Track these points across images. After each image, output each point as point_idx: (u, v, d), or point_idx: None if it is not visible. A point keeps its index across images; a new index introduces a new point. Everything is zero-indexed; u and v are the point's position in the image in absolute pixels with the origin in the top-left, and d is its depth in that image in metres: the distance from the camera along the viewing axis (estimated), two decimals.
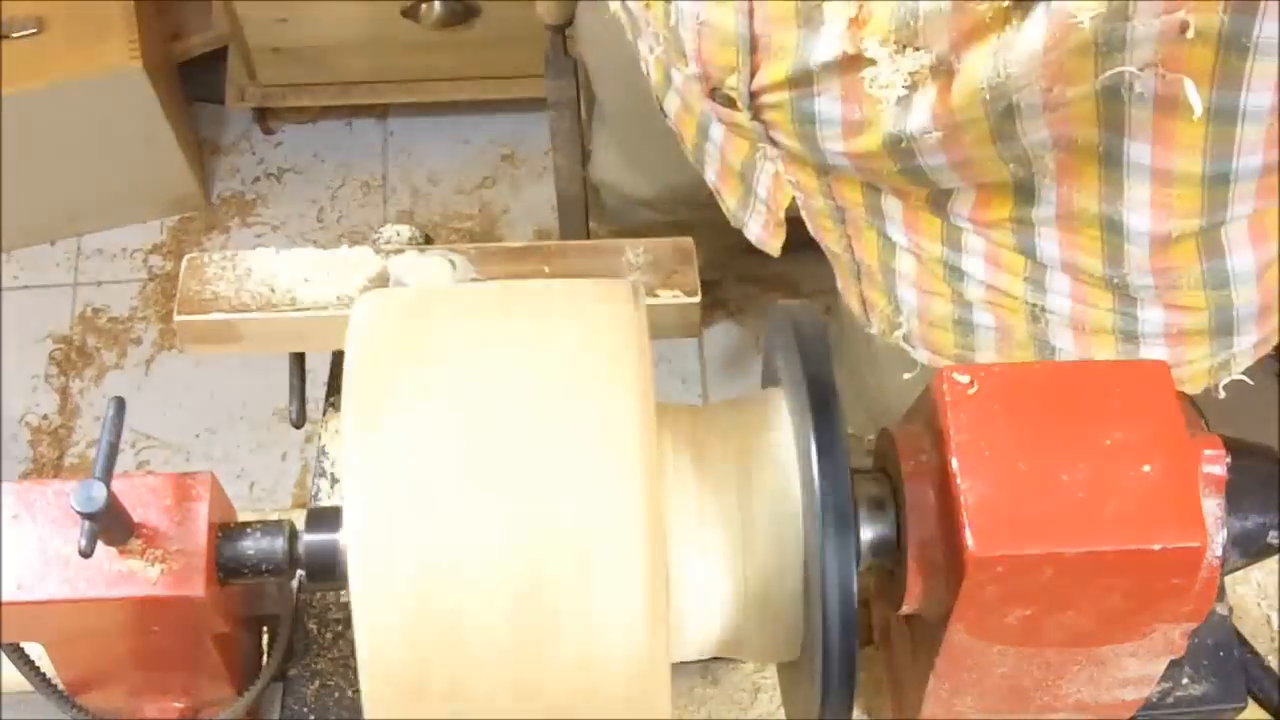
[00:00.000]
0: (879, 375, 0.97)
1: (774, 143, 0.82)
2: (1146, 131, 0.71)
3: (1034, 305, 0.85)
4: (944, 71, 0.71)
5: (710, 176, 0.98)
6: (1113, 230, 0.77)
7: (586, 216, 1.33)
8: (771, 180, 0.91)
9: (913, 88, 0.71)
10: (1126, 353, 0.84)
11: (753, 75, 0.77)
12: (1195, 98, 0.67)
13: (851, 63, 0.73)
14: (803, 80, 0.75)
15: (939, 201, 0.83)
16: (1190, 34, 0.65)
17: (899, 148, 0.76)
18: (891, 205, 0.85)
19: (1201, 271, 0.80)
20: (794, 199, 0.90)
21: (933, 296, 0.89)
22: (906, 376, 0.92)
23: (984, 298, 0.87)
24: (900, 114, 0.74)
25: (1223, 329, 0.83)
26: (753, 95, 0.78)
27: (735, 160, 0.93)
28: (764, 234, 0.95)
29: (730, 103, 0.80)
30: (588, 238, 1.35)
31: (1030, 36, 0.67)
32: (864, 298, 0.94)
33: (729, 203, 0.97)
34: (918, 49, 0.70)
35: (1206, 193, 0.74)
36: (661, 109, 0.98)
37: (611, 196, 1.24)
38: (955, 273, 0.86)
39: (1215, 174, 0.72)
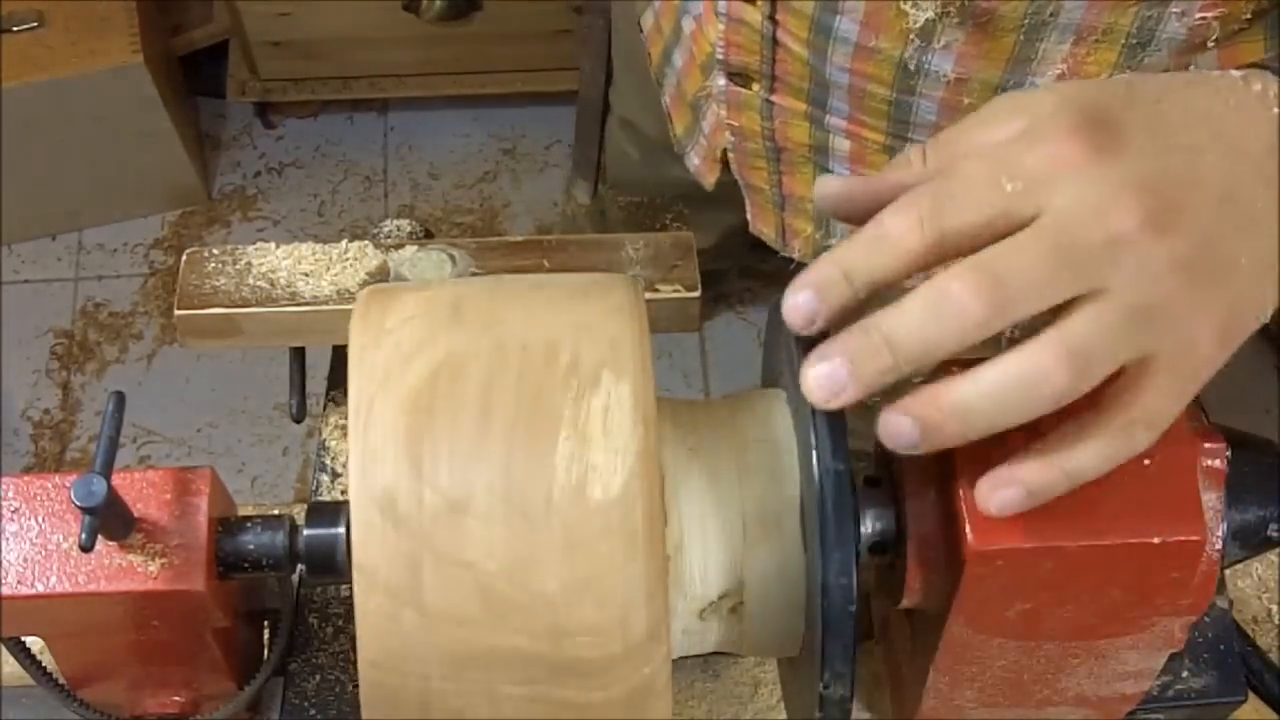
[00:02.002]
0: None
1: (777, 44, 0.82)
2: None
3: None
4: (975, 17, 0.72)
5: (665, 100, 1.01)
6: None
7: (602, 131, 1.31)
8: (714, 120, 0.92)
9: (939, 18, 0.72)
10: None
11: None
12: None
13: None
14: None
15: (896, 149, 0.85)
16: None
17: (904, 81, 0.78)
18: (840, 144, 0.87)
19: None
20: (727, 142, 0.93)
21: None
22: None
23: None
24: (917, 49, 0.75)
25: None
26: None
27: (689, 89, 0.95)
28: (702, 166, 0.99)
29: None
30: (599, 161, 1.34)
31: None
32: (783, 225, 0.97)
33: (677, 129, 1.01)
34: None
35: None
36: (638, 25, 1.01)
37: (628, 141, 1.24)
38: None
39: None
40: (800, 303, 0.49)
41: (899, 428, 0.49)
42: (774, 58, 0.83)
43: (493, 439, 0.52)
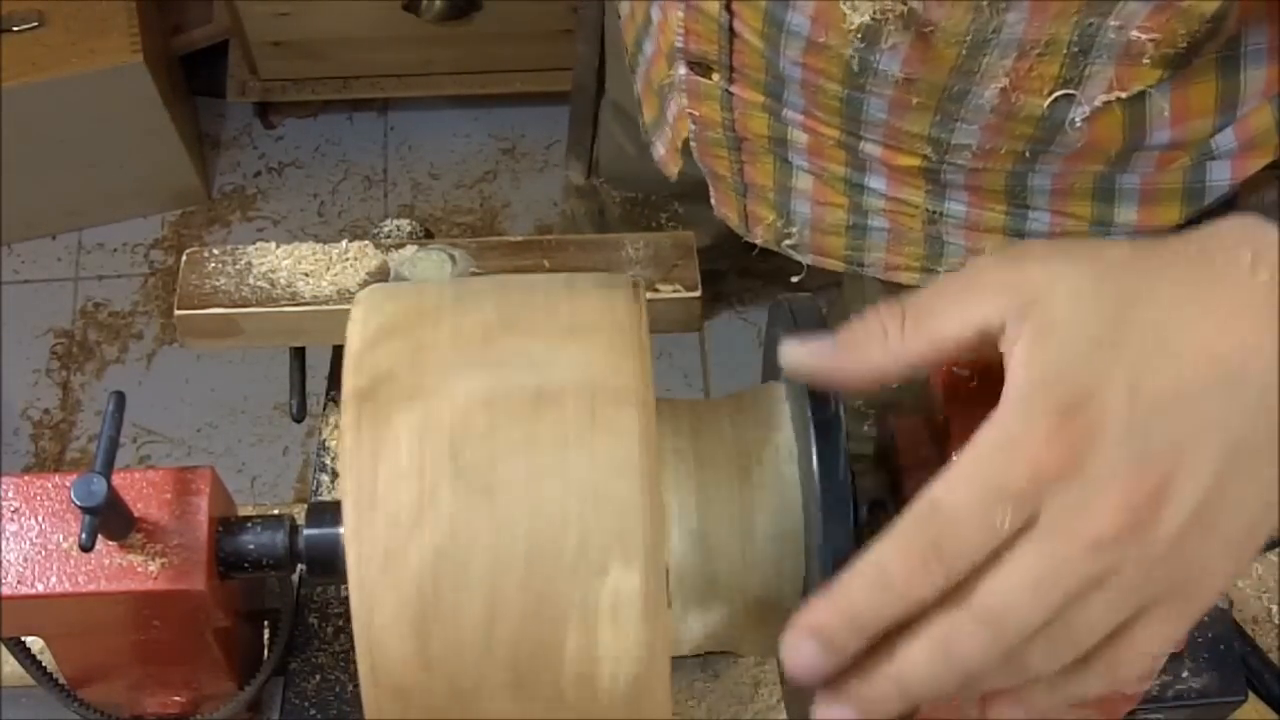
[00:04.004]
0: None
1: (734, 34, 0.82)
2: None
3: (933, 211, 0.88)
4: (918, 25, 0.72)
5: (637, 89, 1.01)
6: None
7: (595, 115, 1.32)
8: (677, 109, 0.93)
9: (880, 22, 0.72)
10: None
11: None
12: None
13: None
14: None
15: (851, 145, 0.85)
16: None
17: (855, 79, 0.78)
18: (798, 137, 0.88)
19: (1092, 186, 0.83)
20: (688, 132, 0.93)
21: (829, 208, 0.92)
22: (794, 279, 0.97)
23: (884, 207, 0.89)
24: (865, 50, 0.76)
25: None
26: None
27: (655, 78, 0.96)
28: (666, 155, 0.99)
29: None
30: (592, 144, 1.34)
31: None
32: (746, 212, 0.97)
33: (646, 117, 1.01)
34: None
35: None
36: (617, 12, 1.02)
37: (623, 134, 1.24)
38: (857, 189, 0.89)
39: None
40: (807, 655, 0.49)
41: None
42: (731, 48, 0.84)
43: (499, 639, 0.51)
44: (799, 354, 0.53)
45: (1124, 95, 0.74)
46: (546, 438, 0.51)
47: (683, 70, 0.88)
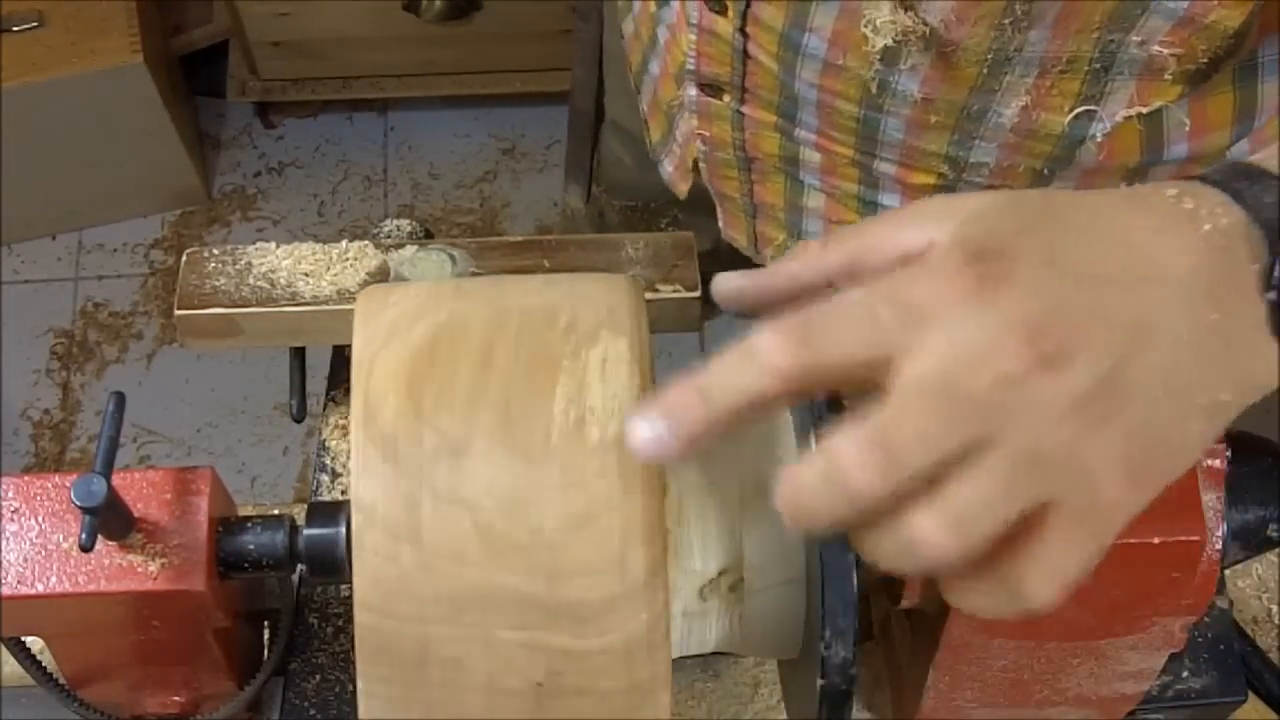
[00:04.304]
0: None
1: (748, 56, 0.82)
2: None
3: None
4: (939, 45, 0.72)
5: (643, 107, 1.01)
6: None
7: (594, 140, 1.31)
8: (686, 129, 0.93)
9: (901, 44, 0.72)
10: None
11: None
12: None
13: (853, 6, 0.73)
14: (802, 5, 0.76)
15: (866, 164, 0.85)
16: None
17: (873, 100, 0.78)
18: (811, 156, 0.87)
19: None
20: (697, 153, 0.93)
21: (841, 225, 0.91)
22: None
23: None
24: (884, 71, 0.75)
25: None
26: (747, 6, 0.79)
27: (663, 98, 0.96)
28: (675, 174, 0.99)
29: (722, 9, 0.81)
30: (591, 167, 1.34)
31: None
32: (755, 233, 0.97)
33: (653, 136, 1.01)
34: (918, 14, 0.71)
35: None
36: (620, 32, 1.01)
37: (621, 146, 1.24)
38: (870, 206, 0.89)
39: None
40: (649, 432, 0.47)
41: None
42: (744, 70, 0.83)
43: (492, 386, 0.52)
44: (727, 279, 0.54)
45: (1144, 110, 0.74)
46: (541, 280, 0.59)
47: (693, 91, 0.88)
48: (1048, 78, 0.73)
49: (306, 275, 0.79)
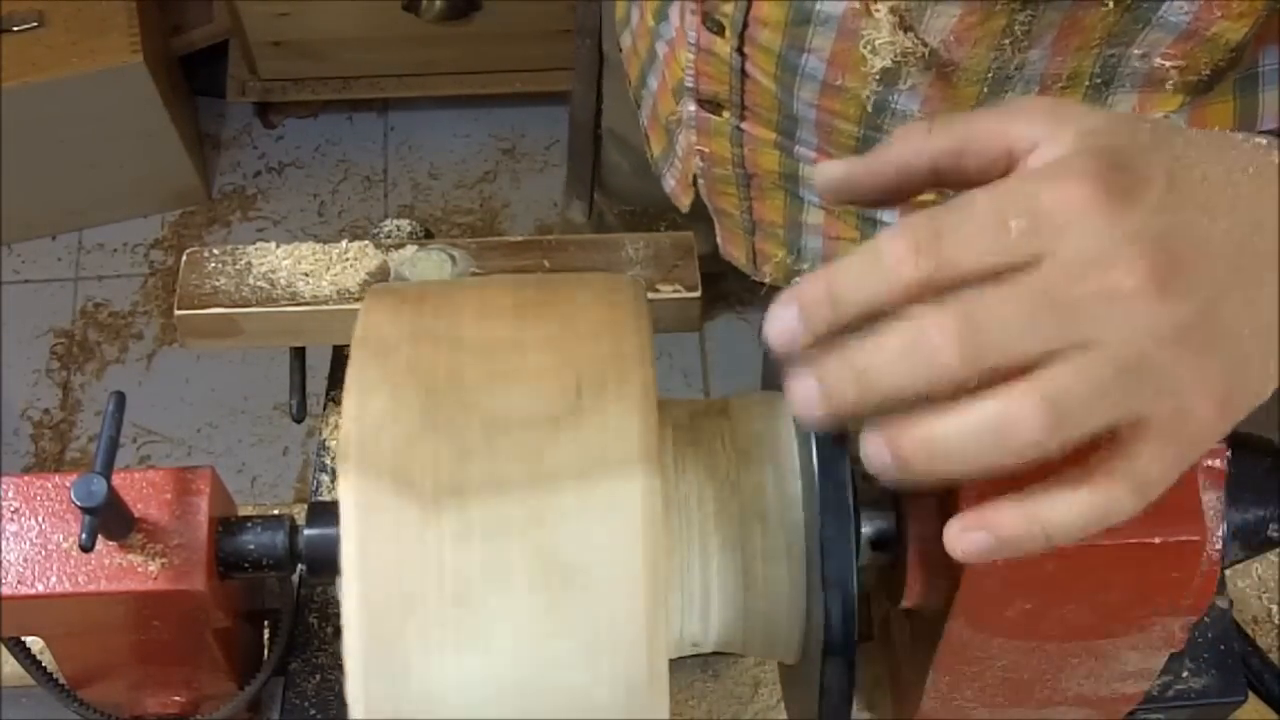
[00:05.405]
0: None
1: (746, 75, 0.82)
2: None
3: None
4: (939, 65, 0.72)
5: (643, 121, 1.01)
6: None
7: (595, 156, 1.31)
8: (686, 144, 0.93)
9: (900, 64, 0.72)
10: None
11: (749, 5, 0.78)
12: None
13: (851, 27, 0.73)
14: (800, 27, 0.76)
15: None
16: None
17: (872, 119, 0.78)
18: (810, 172, 0.87)
19: None
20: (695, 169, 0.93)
21: (841, 241, 0.91)
22: (795, 279, 0.97)
23: None
24: (883, 91, 0.75)
25: None
26: (744, 27, 0.79)
27: (663, 112, 0.96)
28: (677, 189, 0.99)
29: (719, 29, 0.81)
30: (593, 182, 1.34)
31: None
32: (754, 251, 0.96)
33: (654, 150, 1.01)
34: (917, 35, 0.71)
35: None
36: (617, 44, 1.01)
37: (619, 153, 1.24)
38: (869, 222, 0.89)
39: None
40: (784, 320, 0.48)
41: (877, 455, 0.47)
42: (743, 89, 0.83)
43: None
44: (831, 167, 0.53)
45: None
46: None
47: (692, 107, 0.88)
48: (1049, 94, 0.73)
49: (306, 275, 0.79)
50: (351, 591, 0.51)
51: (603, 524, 0.51)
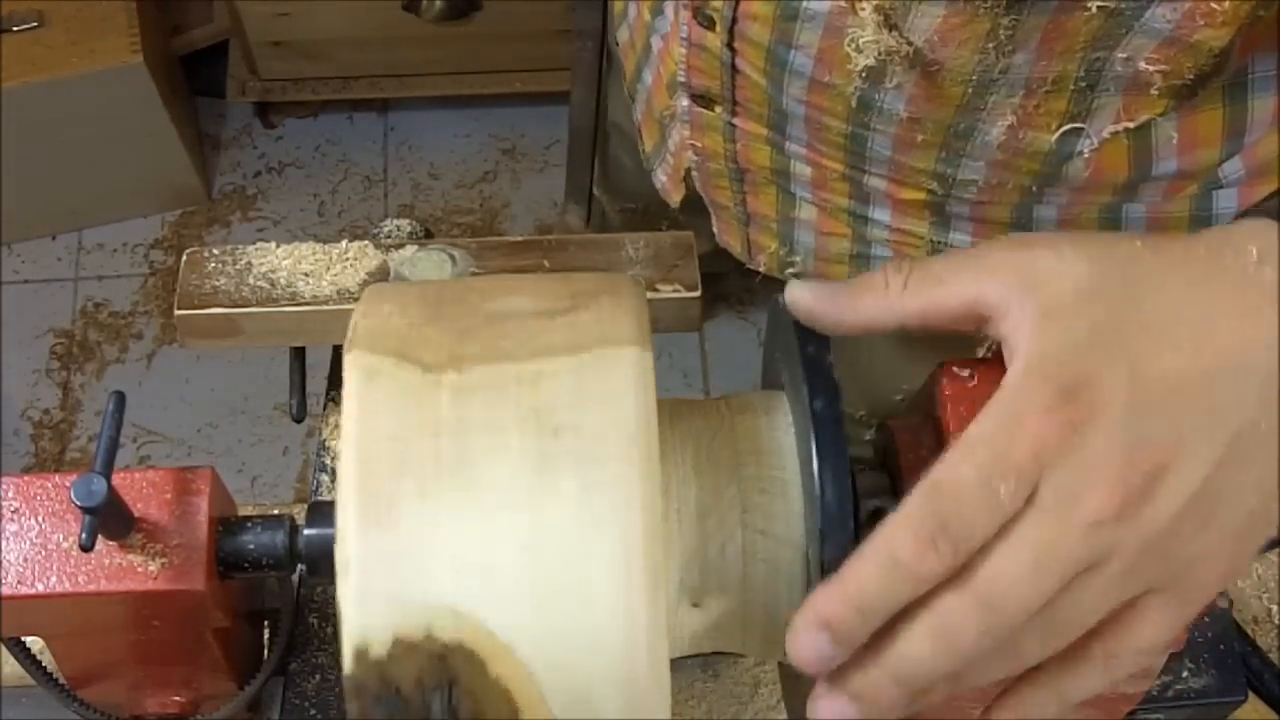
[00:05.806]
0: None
1: (736, 70, 0.82)
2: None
3: (937, 242, 0.88)
4: (923, 65, 0.72)
5: (637, 116, 1.01)
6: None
7: (593, 160, 1.31)
8: (679, 139, 0.93)
9: (885, 62, 0.72)
10: None
11: (738, 1, 0.78)
12: None
13: (838, 24, 0.73)
14: (788, 23, 0.76)
15: (855, 179, 0.85)
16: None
17: (859, 116, 0.78)
18: (801, 170, 0.88)
19: (1098, 217, 0.83)
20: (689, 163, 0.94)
21: (832, 238, 0.92)
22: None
23: (888, 238, 0.89)
24: (869, 89, 0.75)
25: None
26: (734, 22, 0.79)
27: (656, 107, 0.96)
28: (669, 184, 1.00)
29: (710, 23, 0.81)
30: (591, 186, 1.34)
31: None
32: (749, 241, 0.97)
33: (646, 145, 1.01)
34: (902, 34, 0.71)
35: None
36: (614, 38, 1.02)
37: (621, 149, 1.24)
38: (860, 220, 0.89)
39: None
40: (818, 646, 0.49)
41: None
42: (734, 84, 0.83)
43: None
44: (802, 292, 0.54)
45: (1131, 125, 0.74)
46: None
47: (685, 102, 0.88)
48: (1034, 98, 0.73)
49: (306, 275, 0.79)
50: (349, 440, 0.51)
51: (598, 384, 0.52)
